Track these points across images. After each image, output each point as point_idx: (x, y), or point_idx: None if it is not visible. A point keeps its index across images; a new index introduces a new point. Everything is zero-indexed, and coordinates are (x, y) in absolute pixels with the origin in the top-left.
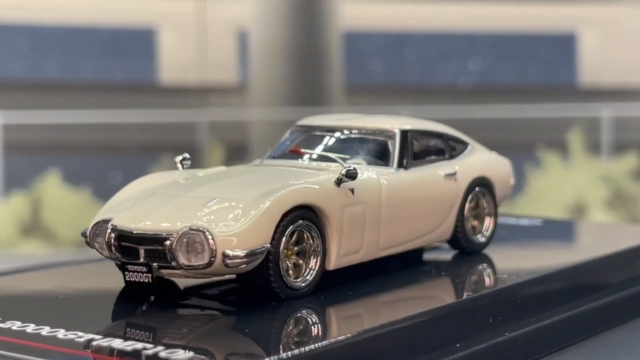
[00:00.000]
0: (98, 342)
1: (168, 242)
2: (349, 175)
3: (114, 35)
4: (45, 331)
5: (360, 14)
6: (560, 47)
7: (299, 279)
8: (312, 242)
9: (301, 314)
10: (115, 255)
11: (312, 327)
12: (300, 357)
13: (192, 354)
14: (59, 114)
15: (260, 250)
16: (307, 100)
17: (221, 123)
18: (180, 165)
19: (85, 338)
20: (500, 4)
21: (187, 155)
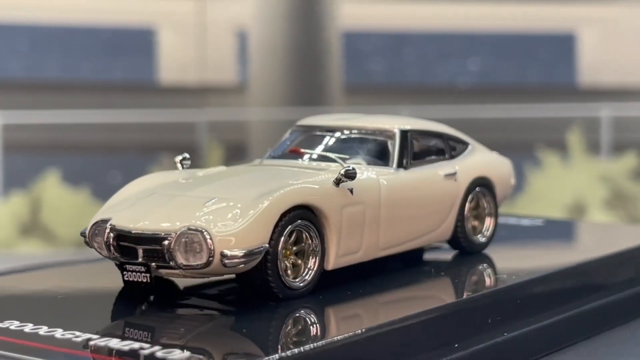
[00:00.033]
0: (95, 341)
1: (166, 242)
2: (348, 175)
3: (114, 35)
4: (43, 331)
5: (360, 14)
6: (560, 47)
7: (298, 279)
8: (310, 242)
9: (300, 314)
10: (113, 255)
11: (311, 327)
12: (298, 357)
13: (189, 353)
14: (58, 114)
15: (258, 250)
16: (307, 100)
17: (221, 123)
18: (180, 165)
19: (83, 338)
20: (499, 4)
21: (187, 155)
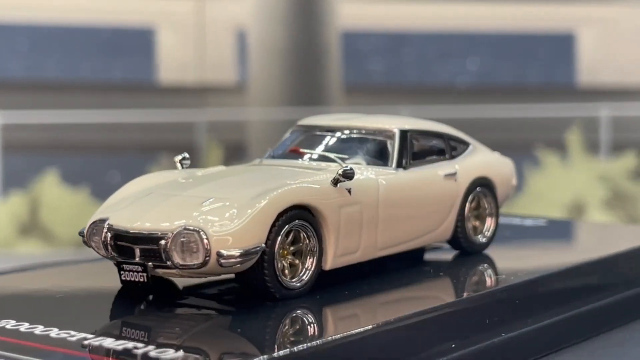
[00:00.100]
0: (90, 341)
1: (163, 241)
2: (346, 175)
3: (113, 35)
4: (38, 330)
5: (359, 14)
6: (559, 47)
7: (295, 279)
8: (308, 242)
9: (297, 314)
10: (111, 255)
11: (307, 327)
12: (294, 356)
13: (182, 353)
14: (57, 114)
15: (254, 250)
16: (306, 100)
17: (220, 123)
18: (180, 165)
19: (78, 337)
20: (499, 4)
21: (186, 155)
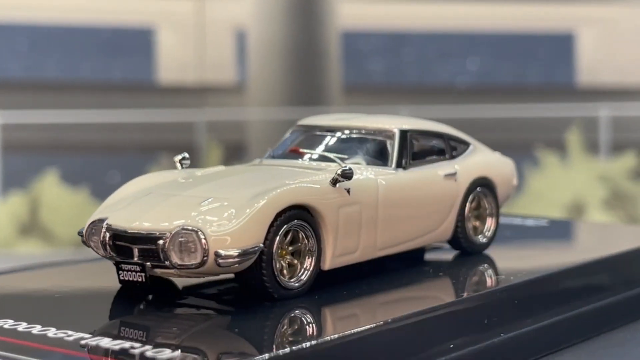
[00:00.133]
0: (87, 340)
1: (161, 241)
2: (345, 175)
3: (113, 35)
4: (36, 330)
5: (359, 14)
6: (559, 47)
7: (293, 279)
8: (307, 242)
9: (295, 314)
10: (110, 255)
11: (306, 327)
12: (291, 356)
13: (178, 352)
14: (57, 114)
15: (253, 250)
16: (306, 100)
17: (219, 123)
18: (179, 165)
19: (75, 337)
20: (499, 4)
21: (186, 154)
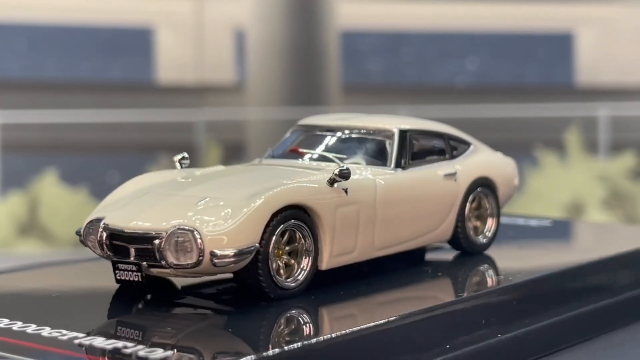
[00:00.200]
0: (80, 340)
1: (157, 241)
2: (342, 175)
3: (112, 34)
4: (30, 329)
5: (358, 13)
6: (558, 46)
7: (290, 279)
8: (303, 241)
9: (291, 314)
10: (107, 254)
11: (301, 326)
12: (287, 355)
13: (170, 352)
14: (56, 114)
15: (248, 249)
16: (305, 100)
17: (219, 122)
18: (179, 165)
19: (69, 336)
20: (498, 4)
21: (185, 154)
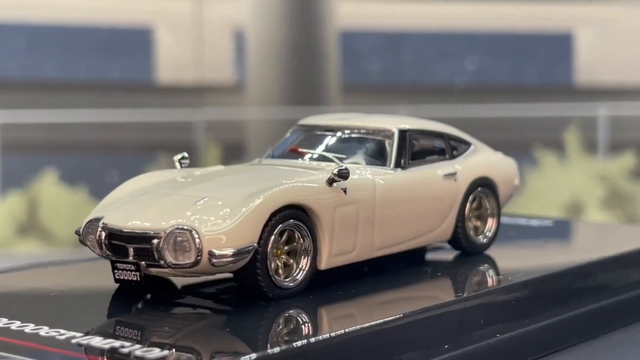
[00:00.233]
0: (77, 339)
1: (155, 240)
2: (341, 175)
3: (111, 34)
4: (28, 328)
5: (357, 13)
6: (557, 46)
7: (289, 279)
8: (302, 241)
9: (290, 313)
10: (105, 254)
11: (300, 326)
12: (286, 355)
13: (167, 352)
14: (55, 114)
15: (246, 249)
16: (304, 100)
17: (218, 122)
18: (179, 164)
19: (67, 336)
20: (497, 4)
21: (185, 154)
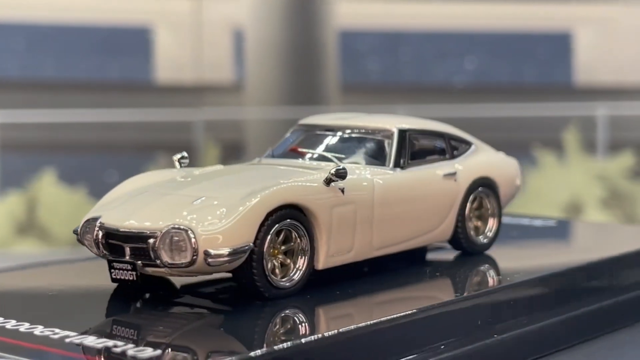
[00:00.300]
0: (71, 339)
1: (152, 240)
2: (339, 175)
3: (110, 34)
4: (23, 327)
5: (356, 13)
6: (556, 46)
7: (285, 279)
8: (299, 241)
9: (286, 313)
10: (102, 253)
11: (297, 326)
12: (282, 354)
13: (159, 351)
14: (54, 113)
15: (242, 249)
16: (303, 100)
17: (217, 122)
18: (178, 164)
19: (61, 335)
20: (496, 3)
21: (185, 154)
